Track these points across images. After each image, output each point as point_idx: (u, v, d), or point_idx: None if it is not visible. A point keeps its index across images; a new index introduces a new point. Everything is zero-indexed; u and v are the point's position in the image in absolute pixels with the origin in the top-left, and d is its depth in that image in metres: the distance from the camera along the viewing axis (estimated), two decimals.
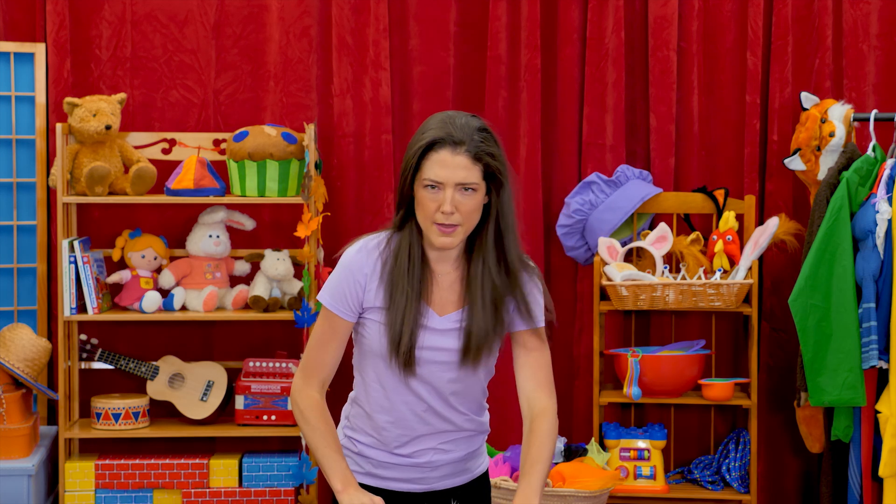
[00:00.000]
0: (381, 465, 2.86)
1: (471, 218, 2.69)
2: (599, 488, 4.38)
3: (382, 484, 2.87)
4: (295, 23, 5.01)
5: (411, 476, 2.86)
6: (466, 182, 2.65)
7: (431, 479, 2.87)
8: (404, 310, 2.71)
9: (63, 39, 4.95)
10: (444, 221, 2.67)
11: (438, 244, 2.70)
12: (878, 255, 4.37)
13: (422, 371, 2.76)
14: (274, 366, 4.88)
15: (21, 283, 5.01)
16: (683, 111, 5.02)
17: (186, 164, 4.77)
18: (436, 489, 2.89)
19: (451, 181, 2.65)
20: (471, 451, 2.90)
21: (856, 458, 4.53)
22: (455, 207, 2.66)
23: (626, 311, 4.98)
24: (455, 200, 2.65)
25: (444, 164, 2.65)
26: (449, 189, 2.65)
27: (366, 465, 2.87)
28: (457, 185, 2.65)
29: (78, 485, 4.73)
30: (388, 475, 2.86)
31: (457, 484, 2.90)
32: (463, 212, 2.67)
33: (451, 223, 2.67)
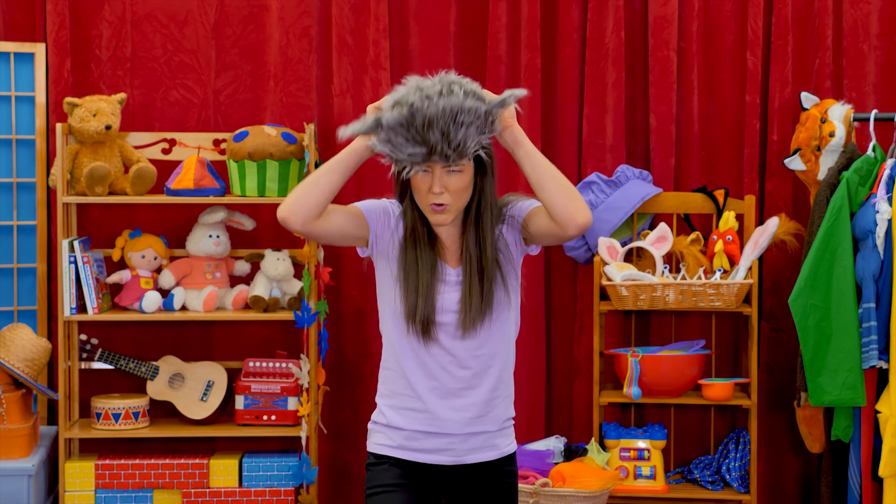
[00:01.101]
0: (411, 437, 2.91)
1: (460, 196, 2.84)
2: (599, 488, 4.38)
3: (412, 456, 2.92)
4: (295, 23, 5.01)
5: (440, 446, 2.90)
6: (452, 168, 2.81)
7: (461, 450, 2.91)
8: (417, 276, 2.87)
9: (63, 39, 4.95)
10: (434, 201, 2.83)
11: (434, 222, 2.87)
12: (878, 255, 4.37)
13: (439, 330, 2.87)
14: (274, 366, 4.88)
15: (21, 283, 5.01)
16: (683, 111, 5.02)
17: (186, 164, 4.77)
18: (465, 462, 2.92)
19: (438, 166, 2.81)
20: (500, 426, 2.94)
21: (856, 458, 4.53)
22: (444, 187, 2.81)
23: (626, 311, 4.98)
24: (443, 181, 2.81)
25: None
26: (437, 170, 2.81)
27: (396, 437, 2.93)
28: (443, 167, 2.80)
29: (78, 485, 4.73)
30: (418, 446, 2.91)
31: (486, 459, 2.93)
32: (452, 191, 2.82)
33: (441, 202, 2.83)
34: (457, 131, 2.73)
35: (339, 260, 4.98)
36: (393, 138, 2.76)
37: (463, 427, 2.90)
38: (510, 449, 2.99)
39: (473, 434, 2.91)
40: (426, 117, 2.73)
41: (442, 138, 2.73)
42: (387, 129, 2.76)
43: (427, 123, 2.72)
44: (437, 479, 2.94)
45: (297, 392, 4.83)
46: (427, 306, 2.85)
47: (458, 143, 2.74)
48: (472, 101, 2.74)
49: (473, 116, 2.74)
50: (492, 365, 2.91)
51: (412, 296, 2.86)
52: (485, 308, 2.86)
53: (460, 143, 2.74)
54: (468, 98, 2.74)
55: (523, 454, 4.55)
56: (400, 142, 2.75)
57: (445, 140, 2.73)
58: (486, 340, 2.89)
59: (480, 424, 2.91)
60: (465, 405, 2.89)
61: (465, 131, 2.74)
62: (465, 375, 2.89)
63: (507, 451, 2.98)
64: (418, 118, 2.73)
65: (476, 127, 2.75)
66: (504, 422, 2.97)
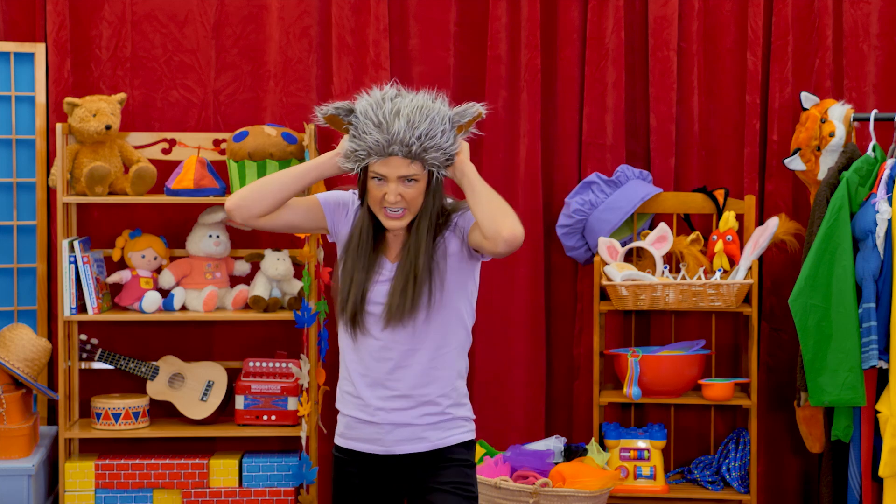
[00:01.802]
0: (349, 426, 3.04)
1: (415, 202, 2.94)
2: (599, 488, 4.38)
3: (350, 444, 3.05)
4: (295, 23, 5.01)
5: (370, 436, 3.01)
6: (408, 174, 2.90)
7: (388, 441, 3.01)
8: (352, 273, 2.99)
9: (63, 39, 4.95)
10: (390, 207, 2.92)
11: (387, 226, 2.97)
12: (878, 255, 4.37)
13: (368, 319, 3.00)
14: (274, 366, 4.88)
15: (21, 283, 5.01)
16: (683, 111, 5.02)
17: (186, 164, 4.77)
18: (394, 453, 3.01)
19: (394, 175, 2.90)
20: (430, 422, 3.00)
21: (856, 458, 4.53)
22: (400, 196, 2.91)
23: (626, 311, 4.98)
24: (399, 190, 2.91)
25: (385, 163, 2.90)
26: (392, 182, 2.91)
27: (340, 425, 3.07)
28: (399, 177, 2.90)
29: (78, 485, 4.73)
30: (354, 435, 3.04)
31: (415, 450, 3.01)
32: (408, 199, 2.92)
33: (398, 207, 2.93)
34: (421, 123, 2.85)
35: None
36: (361, 123, 2.87)
37: (387, 417, 2.99)
38: (445, 442, 3.02)
39: (398, 425, 3.00)
40: (395, 106, 2.87)
41: (407, 127, 2.84)
42: (358, 112, 2.89)
43: (395, 111, 2.86)
44: (376, 468, 3.04)
45: (297, 392, 4.83)
46: (356, 300, 2.97)
47: (421, 136, 2.85)
48: (439, 105, 2.90)
49: (438, 117, 2.87)
50: (418, 360, 2.98)
51: (345, 288, 2.98)
52: (409, 305, 2.93)
53: (422, 136, 2.85)
54: (437, 102, 2.90)
55: (523, 454, 4.56)
56: (367, 127, 2.86)
57: (410, 129, 2.84)
58: (414, 335, 2.97)
59: (404, 417, 3.00)
60: (390, 396, 2.99)
61: (430, 125, 2.85)
62: (390, 366, 2.98)
63: (442, 444, 3.02)
64: (387, 105, 2.87)
65: (441, 129, 2.87)
66: (436, 417, 3.01)
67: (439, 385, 3.01)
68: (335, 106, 2.92)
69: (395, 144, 2.86)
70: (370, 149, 2.87)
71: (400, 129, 2.85)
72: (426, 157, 2.88)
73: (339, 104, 2.93)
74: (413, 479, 3.03)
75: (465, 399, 3.09)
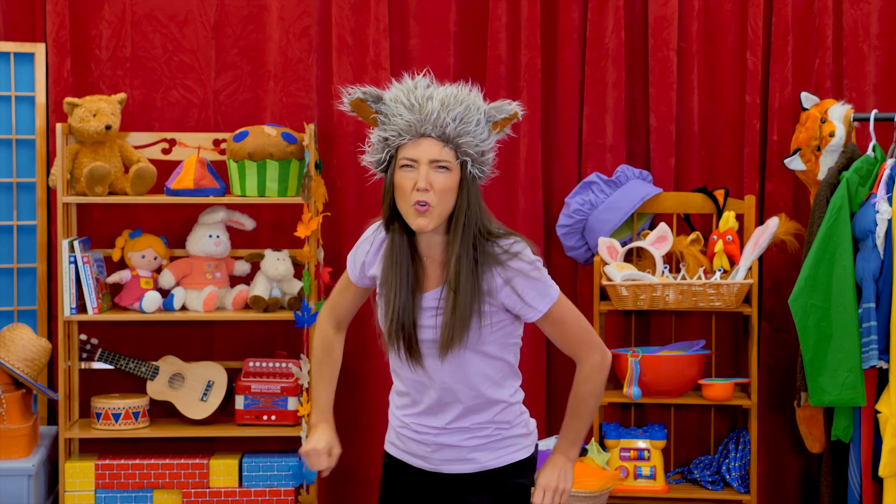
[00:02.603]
0: (400, 436, 2.96)
1: (444, 198, 2.74)
2: (599, 488, 4.38)
3: (399, 455, 2.98)
4: (295, 23, 5.01)
5: (417, 451, 2.93)
6: (440, 159, 2.72)
7: (434, 460, 2.92)
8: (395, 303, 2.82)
9: (63, 39, 4.95)
10: (418, 199, 2.72)
11: (415, 226, 2.75)
12: (878, 255, 4.37)
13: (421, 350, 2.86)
14: (274, 366, 4.88)
15: (21, 283, 5.01)
16: (683, 111, 5.02)
17: (186, 164, 4.77)
18: (441, 471, 2.92)
19: (425, 158, 2.72)
20: (478, 444, 2.90)
21: (856, 458, 4.53)
22: (430, 184, 2.72)
23: (626, 311, 4.98)
24: (429, 177, 2.72)
25: (416, 144, 2.73)
26: (423, 166, 2.72)
27: (391, 433, 3.00)
28: (430, 161, 2.72)
29: (78, 485, 4.73)
30: (402, 447, 2.96)
31: (462, 471, 2.91)
32: (437, 190, 2.72)
33: (425, 200, 2.72)
34: (456, 107, 2.72)
35: (339, 260, 4.98)
36: (391, 108, 2.74)
37: (434, 439, 2.91)
38: (494, 464, 2.92)
39: (444, 446, 2.91)
40: (429, 90, 2.75)
41: (441, 108, 2.71)
42: (388, 99, 2.76)
43: (428, 95, 2.73)
44: (423, 483, 2.95)
45: (297, 392, 4.83)
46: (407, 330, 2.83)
47: (456, 118, 2.71)
48: (475, 95, 2.77)
49: (474, 106, 2.74)
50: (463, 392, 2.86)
51: (392, 318, 2.82)
52: (457, 337, 2.78)
53: (457, 119, 2.71)
54: (472, 92, 2.77)
55: None
56: (398, 110, 2.73)
57: (445, 110, 2.71)
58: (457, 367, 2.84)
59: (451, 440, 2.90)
60: (436, 425, 2.89)
61: (465, 111, 2.72)
62: (434, 397, 2.88)
63: (490, 465, 2.91)
64: (420, 90, 2.75)
65: (475, 118, 2.73)
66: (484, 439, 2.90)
67: (487, 414, 2.90)
68: (363, 91, 2.77)
69: (428, 124, 2.70)
70: (401, 130, 2.71)
71: (434, 110, 2.71)
72: (460, 143, 2.71)
73: (367, 89, 2.78)
74: (460, 499, 2.93)
75: (519, 418, 2.94)
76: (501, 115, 2.78)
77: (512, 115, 2.79)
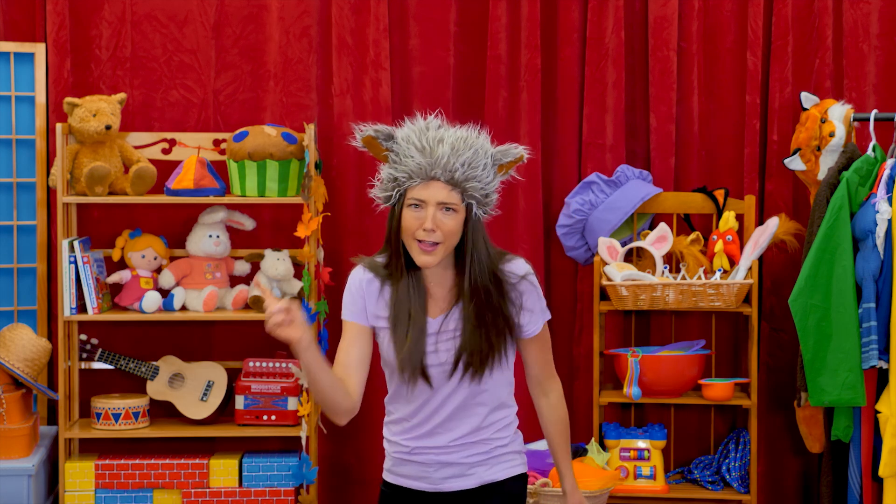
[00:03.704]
0: (397, 462, 2.98)
1: (451, 237, 2.82)
2: (599, 488, 4.38)
3: (399, 481, 3.00)
4: (295, 23, 5.01)
5: (418, 474, 2.95)
6: (448, 202, 2.80)
7: (435, 479, 2.94)
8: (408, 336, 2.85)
9: (63, 39, 4.95)
10: (425, 238, 2.80)
11: (420, 262, 2.83)
12: (878, 255, 4.37)
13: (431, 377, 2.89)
14: (274, 366, 4.88)
15: (21, 283, 5.01)
16: (683, 111, 5.02)
17: (186, 164, 4.77)
18: (443, 490, 2.95)
19: (433, 200, 2.79)
20: (478, 460, 2.94)
21: (856, 458, 4.53)
22: (436, 226, 2.80)
23: (626, 311, 4.98)
24: (437, 219, 2.80)
25: (426, 187, 2.80)
26: (431, 207, 2.80)
27: (388, 461, 3.02)
28: (438, 203, 2.80)
29: (78, 485, 4.72)
30: (401, 472, 2.98)
31: (463, 487, 2.95)
32: (444, 231, 2.81)
33: (433, 241, 2.80)
34: (465, 152, 2.79)
35: (339, 260, 4.98)
36: (403, 148, 2.80)
37: (435, 458, 2.93)
38: (494, 478, 2.96)
39: (445, 464, 2.94)
40: (439, 134, 2.81)
41: (451, 152, 2.78)
42: (399, 138, 2.82)
43: (439, 138, 2.80)
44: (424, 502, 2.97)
45: (297, 392, 4.83)
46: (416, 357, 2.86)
47: (465, 163, 2.78)
48: (483, 139, 2.84)
49: (482, 150, 2.82)
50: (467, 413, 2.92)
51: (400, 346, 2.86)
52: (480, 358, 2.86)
53: (465, 164, 2.78)
54: (480, 136, 2.84)
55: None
56: (409, 151, 2.79)
57: (454, 155, 2.78)
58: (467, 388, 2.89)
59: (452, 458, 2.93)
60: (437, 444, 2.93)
61: (473, 156, 2.79)
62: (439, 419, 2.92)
63: (490, 479, 2.96)
64: (431, 132, 2.81)
65: (483, 162, 2.81)
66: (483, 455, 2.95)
67: (489, 430, 2.95)
68: (375, 129, 2.85)
69: (438, 168, 2.78)
70: (412, 172, 2.79)
71: (444, 154, 2.78)
72: (467, 187, 2.79)
73: (379, 127, 2.85)
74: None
75: (515, 436, 3.02)
76: (507, 159, 2.87)
77: (517, 158, 2.87)
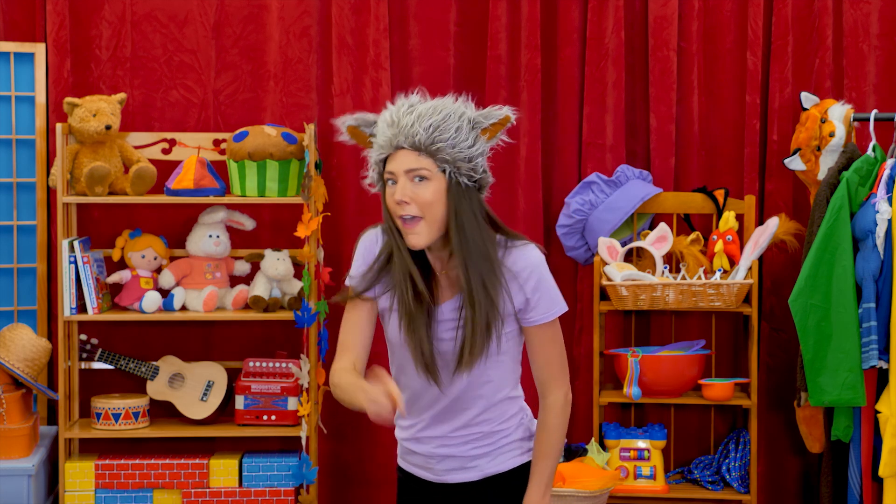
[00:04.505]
0: (405, 450, 2.97)
1: (429, 208, 2.68)
2: (599, 488, 4.38)
3: (409, 468, 2.99)
4: (295, 23, 5.01)
5: (422, 464, 2.94)
6: (415, 168, 2.67)
7: (438, 470, 2.92)
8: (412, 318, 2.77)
9: (63, 39, 4.95)
10: (402, 214, 2.69)
11: (408, 244, 2.72)
12: (878, 255, 4.37)
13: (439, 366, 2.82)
14: (274, 366, 4.88)
15: (21, 283, 5.01)
16: (683, 111, 5.02)
17: (186, 164, 4.77)
18: (446, 481, 2.93)
19: (401, 169, 2.68)
20: (479, 453, 2.91)
21: (856, 458, 4.53)
22: (410, 197, 2.67)
23: (626, 311, 4.98)
24: (408, 190, 2.67)
25: (393, 158, 2.70)
26: (401, 178, 2.68)
27: (400, 447, 3.00)
28: (407, 172, 2.68)
29: (78, 485, 4.73)
30: (409, 460, 2.97)
31: (466, 479, 2.92)
32: (419, 202, 2.68)
33: (409, 214, 2.68)
34: (432, 117, 2.68)
35: (339, 260, 4.98)
36: (379, 128, 2.74)
37: (435, 451, 2.91)
38: (496, 469, 2.92)
39: (446, 457, 2.91)
40: (411, 104, 2.72)
41: (416, 120, 2.67)
42: (378, 121, 2.75)
43: (410, 110, 2.70)
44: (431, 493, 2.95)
45: (297, 392, 4.83)
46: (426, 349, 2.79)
47: (430, 127, 2.66)
48: (460, 105, 2.73)
49: (455, 114, 2.70)
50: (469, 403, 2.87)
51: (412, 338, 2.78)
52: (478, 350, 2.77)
53: (430, 127, 2.66)
54: (458, 102, 2.74)
55: None
56: (382, 128, 2.72)
57: (419, 122, 2.67)
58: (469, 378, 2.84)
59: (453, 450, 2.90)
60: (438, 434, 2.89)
61: (441, 119, 2.67)
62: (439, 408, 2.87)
63: (492, 471, 2.91)
64: (405, 106, 2.72)
65: (455, 126, 2.69)
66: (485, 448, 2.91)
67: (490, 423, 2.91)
68: (355, 117, 2.79)
69: (402, 136, 2.66)
70: (381, 146, 2.70)
71: (409, 123, 2.67)
72: (435, 149, 2.65)
73: (358, 115, 2.80)
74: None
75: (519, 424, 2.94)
76: (490, 121, 2.73)
77: (503, 118, 2.74)
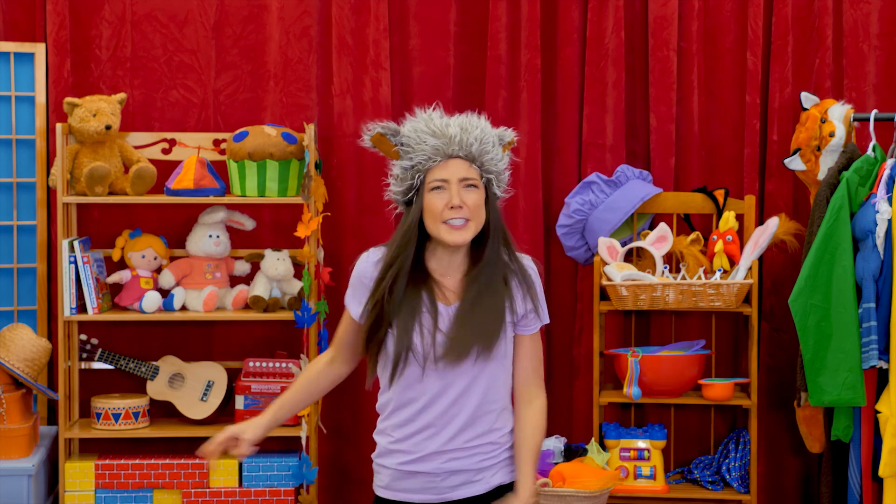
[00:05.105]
0: (398, 476, 2.93)
1: (478, 213, 2.87)
2: (599, 488, 4.38)
3: (399, 496, 2.94)
4: (295, 23, 5.01)
5: (422, 486, 2.92)
6: (468, 177, 2.86)
7: (443, 488, 2.92)
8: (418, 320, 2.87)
9: (63, 39, 4.95)
10: (453, 216, 2.84)
11: (451, 241, 2.86)
12: (878, 255, 4.37)
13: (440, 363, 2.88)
14: (274, 366, 4.88)
15: (21, 283, 5.01)
16: (683, 111, 5.02)
17: (186, 164, 4.77)
18: (451, 499, 2.93)
19: (455, 177, 2.85)
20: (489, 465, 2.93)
21: (856, 458, 4.53)
22: (462, 202, 2.84)
23: (626, 311, 4.98)
24: (461, 195, 2.85)
25: (445, 166, 2.86)
26: (454, 185, 2.85)
27: (385, 477, 2.96)
28: (460, 180, 2.85)
29: (78, 485, 4.73)
30: (403, 486, 2.93)
31: (473, 494, 2.93)
32: (470, 207, 2.85)
33: (461, 217, 2.84)
34: (473, 130, 2.87)
35: (339, 260, 4.98)
36: (413, 138, 2.87)
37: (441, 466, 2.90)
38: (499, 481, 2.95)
39: (452, 472, 2.91)
40: (444, 119, 2.90)
41: (461, 131, 2.85)
42: (406, 132, 2.89)
43: (446, 122, 2.88)
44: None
45: None
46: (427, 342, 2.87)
47: (477, 139, 2.85)
48: (484, 121, 2.93)
49: (487, 129, 2.91)
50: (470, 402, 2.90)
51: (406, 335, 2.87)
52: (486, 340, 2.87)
53: (478, 140, 2.85)
54: (481, 119, 2.93)
55: None
56: (421, 137, 2.85)
57: (465, 133, 2.85)
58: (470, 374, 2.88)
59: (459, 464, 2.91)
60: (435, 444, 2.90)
61: (482, 133, 2.87)
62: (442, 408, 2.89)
63: (496, 482, 2.94)
64: (436, 118, 2.90)
65: (491, 140, 2.89)
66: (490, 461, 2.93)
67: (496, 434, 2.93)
68: (382, 126, 2.92)
69: (455, 145, 2.85)
70: (429, 155, 2.85)
71: (456, 133, 2.85)
72: (484, 161, 2.87)
73: (386, 124, 2.92)
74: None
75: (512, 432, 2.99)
76: (506, 139, 2.96)
77: (511, 141, 2.98)
